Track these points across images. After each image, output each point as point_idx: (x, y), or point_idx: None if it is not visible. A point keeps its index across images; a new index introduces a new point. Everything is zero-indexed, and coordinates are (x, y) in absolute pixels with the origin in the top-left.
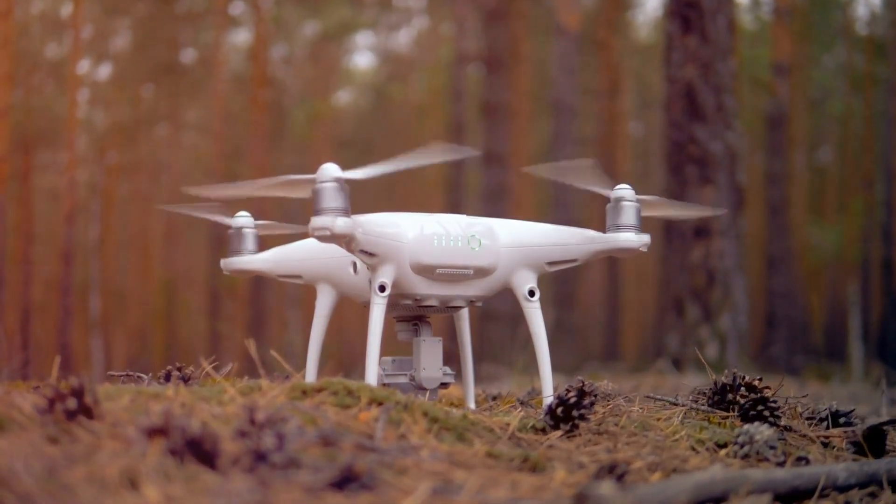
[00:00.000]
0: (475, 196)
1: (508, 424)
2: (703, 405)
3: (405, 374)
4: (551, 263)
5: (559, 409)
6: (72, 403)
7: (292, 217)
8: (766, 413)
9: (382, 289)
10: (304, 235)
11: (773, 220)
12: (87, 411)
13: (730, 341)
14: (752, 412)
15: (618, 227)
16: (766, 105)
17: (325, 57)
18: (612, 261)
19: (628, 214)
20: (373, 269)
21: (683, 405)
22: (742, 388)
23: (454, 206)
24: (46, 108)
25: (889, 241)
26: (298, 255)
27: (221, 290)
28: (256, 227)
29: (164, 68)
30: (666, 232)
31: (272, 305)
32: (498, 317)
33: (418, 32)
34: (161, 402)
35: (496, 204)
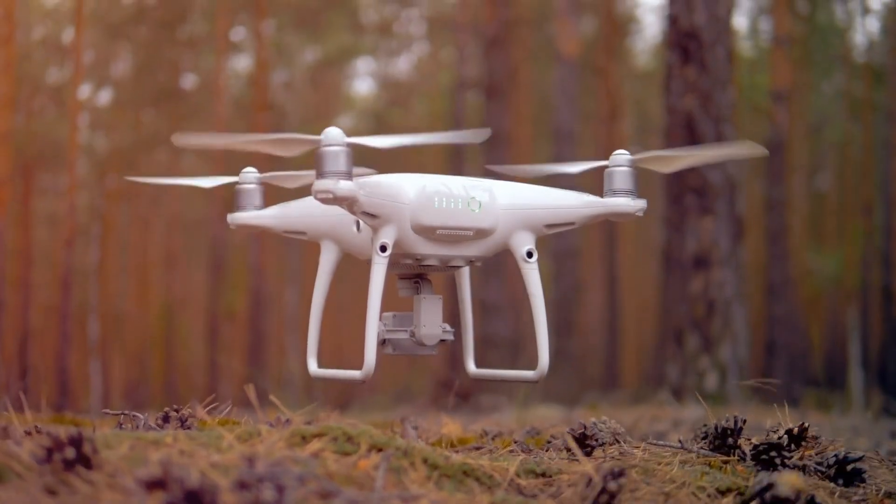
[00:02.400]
0: None
1: (508, 469)
2: (703, 449)
3: (406, 331)
4: (549, 226)
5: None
6: (70, 453)
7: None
8: (778, 460)
9: (384, 249)
10: (308, 189)
11: (772, 247)
12: (85, 461)
13: (730, 372)
14: (763, 456)
15: (614, 192)
16: (765, 132)
17: (325, 82)
18: (612, 286)
19: (625, 179)
20: (374, 229)
21: (684, 449)
22: (741, 431)
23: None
24: (47, 133)
25: (888, 267)
26: (303, 212)
27: (220, 314)
28: (266, 177)
29: (164, 93)
30: (665, 261)
31: (271, 330)
32: (498, 343)
33: (418, 58)
34: (160, 449)
35: None
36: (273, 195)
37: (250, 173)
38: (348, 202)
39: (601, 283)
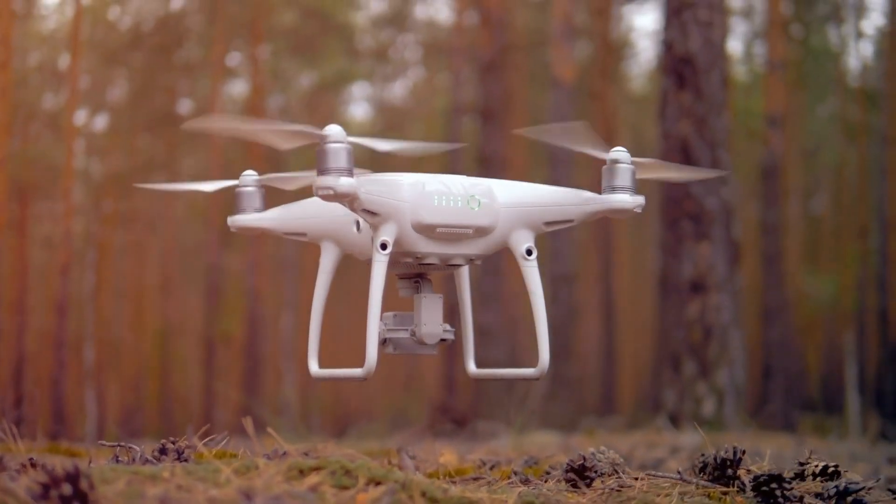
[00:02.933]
0: None
1: (507, 502)
2: (702, 480)
3: (406, 329)
4: (548, 223)
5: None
6: (67, 489)
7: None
8: (779, 492)
9: (384, 247)
10: (308, 192)
11: (767, 271)
12: (82, 497)
13: (727, 397)
14: (763, 488)
15: (613, 189)
16: (760, 156)
17: (321, 107)
18: (609, 311)
19: (623, 176)
20: (375, 227)
21: (683, 480)
22: (741, 462)
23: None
24: (43, 158)
25: (885, 290)
26: (303, 213)
27: (216, 339)
28: (265, 179)
29: (160, 118)
30: (662, 287)
31: (267, 355)
32: (494, 368)
33: (414, 83)
34: (157, 484)
35: (492, 254)
36: (272, 198)
37: (250, 176)
38: (349, 199)
39: (598, 308)
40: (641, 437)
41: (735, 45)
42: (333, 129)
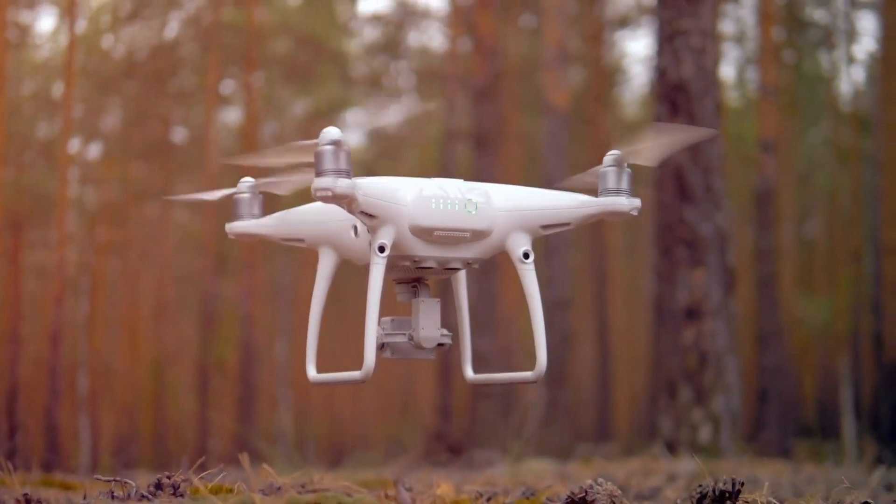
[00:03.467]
0: (465, 272)
1: None
2: None
3: (404, 334)
4: (545, 227)
5: None
6: None
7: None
8: None
9: (382, 249)
10: (304, 199)
11: (762, 296)
12: None
13: (723, 424)
14: None
15: (608, 192)
16: (754, 181)
17: (315, 135)
18: (603, 337)
19: (619, 179)
20: (373, 230)
21: None
22: (739, 494)
23: (443, 281)
24: (37, 187)
25: (879, 314)
26: (301, 219)
27: (211, 367)
28: (263, 183)
29: (154, 146)
30: (657, 313)
31: (262, 383)
32: (490, 395)
33: (408, 110)
34: None
35: (486, 281)
36: (269, 205)
37: (247, 183)
38: (347, 200)
39: (592, 334)
40: (638, 464)
41: (727, 71)
42: (330, 132)
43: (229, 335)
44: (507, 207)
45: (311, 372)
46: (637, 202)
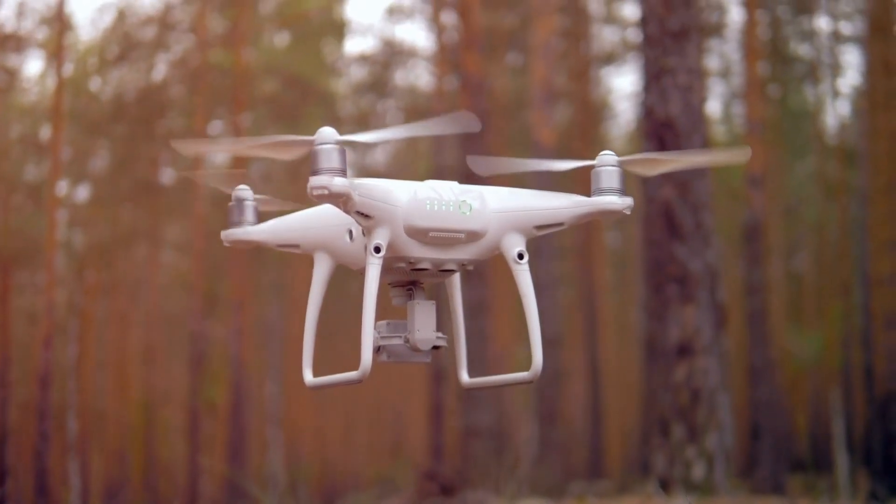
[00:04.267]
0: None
1: None
2: None
3: (400, 336)
4: (539, 227)
5: None
6: None
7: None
8: None
9: (378, 250)
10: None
11: (752, 330)
12: None
13: (717, 461)
14: None
15: (601, 191)
16: (742, 215)
17: (303, 174)
18: (594, 374)
19: (612, 178)
20: (368, 230)
21: None
22: None
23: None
24: (25, 229)
25: (869, 347)
26: (296, 225)
27: (201, 409)
28: (255, 200)
29: (143, 188)
30: (649, 351)
31: (253, 424)
32: (481, 432)
33: (396, 147)
34: None
35: (476, 319)
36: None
37: (243, 190)
38: (343, 199)
39: (583, 370)
40: (633, 502)
41: (714, 106)
42: (325, 131)
43: (219, 376)
44: (501, 209)
45: (308, 376)
46: (629, 201)
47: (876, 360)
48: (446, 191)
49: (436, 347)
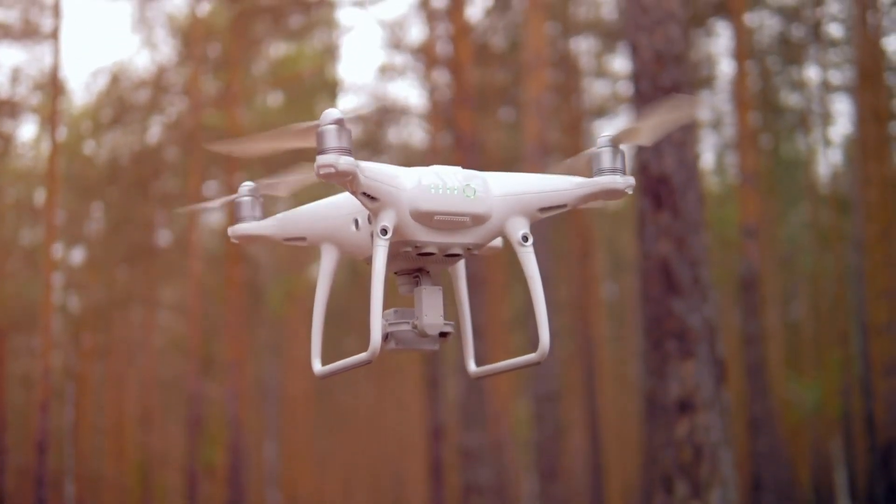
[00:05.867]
0: (453, 368)
1: None
2: None
3: (407, 322)
4: (543, 210)
5: None
6: None
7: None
8: None
9: (384, 232)
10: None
11: (751, 382)
12: None
13: None
14: None
15: (602, 171)
16: (737, 265)
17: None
18: (594, 428)
19: (612, 158)
20: (374, 213)
21: None
22: None
23: (432, 378)
24: (21, 294)
25: (870, 395)
26: (301, 218)
27: (199, 470)
28: (262, 185)
29: (138, 250)
30: (649, 407)
31: (251, 486)
32: (481, 489)
33: None
34: None
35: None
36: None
37: (248, 186)
38: (349, 178)
39: (583, 425)
40: None
41: (706, 157)
42: (330, 112)
43: (217, 438)
44: (505, 192)
45: (317, 366)
46: (631, 180)
47: (876, 409)
48: (451, 176)
49: (443, 335)
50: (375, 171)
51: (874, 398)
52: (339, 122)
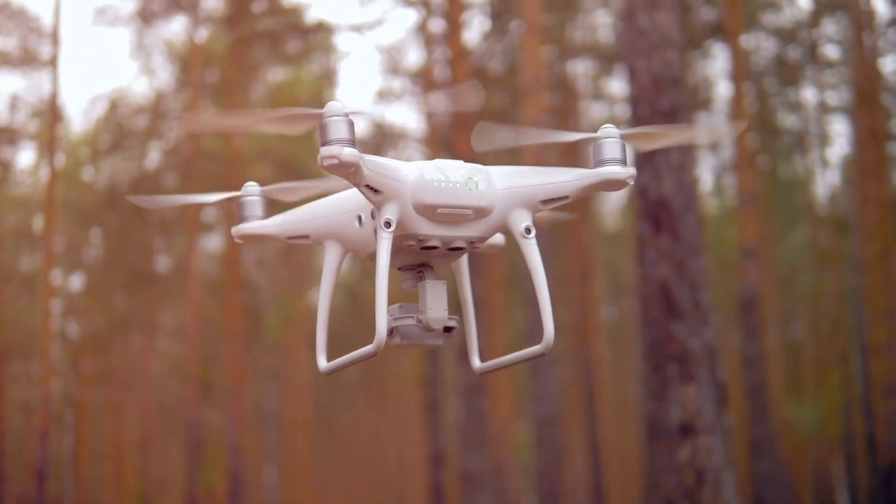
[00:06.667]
0: (453, 392)
1: None
2: None
3: (412, 317)
4: (545, 202)
5: None
6: None
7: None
8: None
9: (388, 224)
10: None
11: (752, 404)
12: None
13: None
14: None
15: (603, 162)
16: (736, 287)
17: (296, 258)
18: (595, 452)
19: (613, 149)
20: (378, 206)
21: None
22: None
23: (432, 402)
24: (20, 320)
25: (871, 416)
26: (305, 217)
27: (199, 496)
28: (268, 190)
29: (137, 276)
30: (650, 431)
31: None
32: None
33: None
34: None
35: (474, 400)
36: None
37: (252, 186)
38: (353, 169)
39: (584, 448)
40: None
41: (705, 179)
42: (333, 105)
43: (216, 463)
44: (507, 185)
45: (322, 362)
46: (632, 170)
47: (878, 429)
48: (453, 169)
49: (448, 330)
50: (379, 164)
51: (875, 419)
52: (342, 115)
